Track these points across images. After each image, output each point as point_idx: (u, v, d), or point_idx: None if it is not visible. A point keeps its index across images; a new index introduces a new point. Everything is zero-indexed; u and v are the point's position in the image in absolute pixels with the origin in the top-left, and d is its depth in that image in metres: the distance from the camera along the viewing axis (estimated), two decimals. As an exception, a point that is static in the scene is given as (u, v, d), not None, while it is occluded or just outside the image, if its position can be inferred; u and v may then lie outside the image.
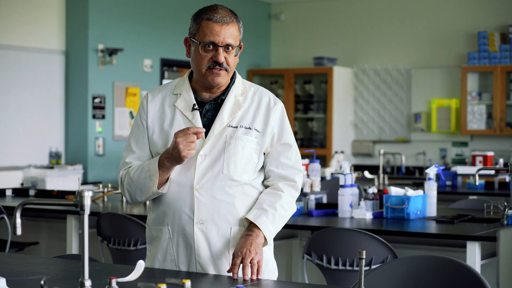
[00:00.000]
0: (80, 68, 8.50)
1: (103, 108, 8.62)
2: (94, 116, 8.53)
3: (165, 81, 9.49)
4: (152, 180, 2.73)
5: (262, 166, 2.86)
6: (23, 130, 8.15)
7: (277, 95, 10.64)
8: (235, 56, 2.78)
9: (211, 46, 2.72)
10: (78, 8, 8.48)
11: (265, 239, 2.76)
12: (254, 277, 2.63)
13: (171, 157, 2.69)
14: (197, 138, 2.68)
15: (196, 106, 2.80)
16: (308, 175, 5.00)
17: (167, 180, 2.76)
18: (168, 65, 9.55)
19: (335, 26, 10.73)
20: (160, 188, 2.75)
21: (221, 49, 2.72)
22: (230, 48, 2.74)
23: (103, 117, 8.64)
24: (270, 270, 2.86)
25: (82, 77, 8.49)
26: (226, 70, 2.75)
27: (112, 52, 8.51)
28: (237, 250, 2.68)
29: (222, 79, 2.76)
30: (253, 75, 10.69)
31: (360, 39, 10.55)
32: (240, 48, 2.81)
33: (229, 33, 2.73)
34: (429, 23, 10.09)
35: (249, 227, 2.74)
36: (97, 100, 8.55)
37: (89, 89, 8.48)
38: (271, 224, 2.76)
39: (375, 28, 10.44)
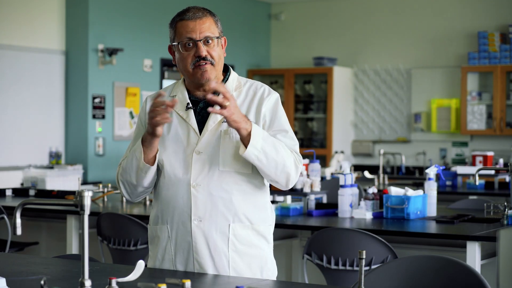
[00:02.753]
0: (80, 68, 8.50)
1: (103, 108, 8.62)
2: (94, 116, 8.53)
3: (165, 82, 9.50)
4: (137, 156, 2.75)
5: None
6: (23, 130, 8.15)
7: (275, 92, 10.64)
8: (218, 47, 2.79)
9: (190, 44, 2.76)
10: (78, 8, 8.48)
11: (249, 138, 2.67)
12: (218, 100, 2.59)
13: (148, 126, 2.71)
14: (166, 106, 2.65)
15: (190, 105, 2.82)
16: (308, 175, 5.00)
17: (155, 158, 2.76)
18: (168, 65, 9.55)
19: (335, 26, 10.74)
20: (146, 162, 2.75)
21: (200, 44, 2.75)
22: (210, 41, 2.77)
23: (103, 117, 8.64)
24: (269, 269, 2.86)
25: (82, 77, 8.49)
26: (211, 63, 2.77)
27: (112, 52, 8.51)
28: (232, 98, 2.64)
29: (210, 73, 2.77)
30: (253, 75, 10.69)
31: (360, 39, 10.55)
32: (224, 41, 2.84)
33: (204, 26, 2.77)
34: (429, 23, 10.09)
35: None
36: (97, 100, 8.55)
37: (89, 89, 8.48)
38: (262, 137, 2.69)
39: (375, 28, 10.44)
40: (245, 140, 2.67)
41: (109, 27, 8.68)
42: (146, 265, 2.52)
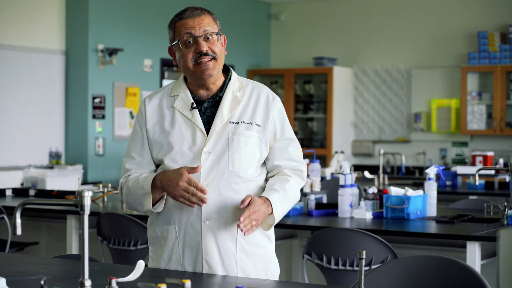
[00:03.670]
0: (80, 68, 8.50)
1: (103, 108, 8.62)
2: (94, 116, 8.53)
3: (165, 81, 9.49)
4: (146, 198, 2.76)
5: (264, 162, 2.87)
6: (23, 130, 8.15)
7: (277, 95, 10.65)
8: (219, 44, 2.80)
9: (191, 41, 2.76)
10: (78, 8, 8.48)
11: (272, 215, 2.77)
12: (247, 230, 2.67)
13: (165, 185, 2.72)
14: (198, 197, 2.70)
15: (195, 105, 2.81)
16: (308, 175, 4.99)
17: (161, 198, 2.78)
18: (168, 65, 9.56)
19: (335, 26, 10.74)
20: (154, 207, 2.78)
21: (200, 39, 2.76)
22: (210, 37, 2.77)
23: (103, 117, 8.64)
24: (273, 268, 2.87)
25: (82, 77, 8.50)
26: (214, 58, 2.77)
27: (112, 52, 8.51)
28: (252, 203, 2.69)
29: (213, 69, 2.77)
30: (253, 75, 10.68)
31: (360, 39, 10.55)
32: (224, 40, 2.84)
33: (203, 22, 2.78)
34: (429, 23, 10.09)
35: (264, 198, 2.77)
36: (97, 100, 8.55)
37: (89, 89, 8.48)
38: (280, 204, 2.79)
39: (375, 28, 10.44)
40: (268, 217, 2.79)
41: (109, 27, 8.68)
42: (146, 265, 2.52)
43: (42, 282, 2.17)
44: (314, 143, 10.54)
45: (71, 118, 8.58)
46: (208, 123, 2.80)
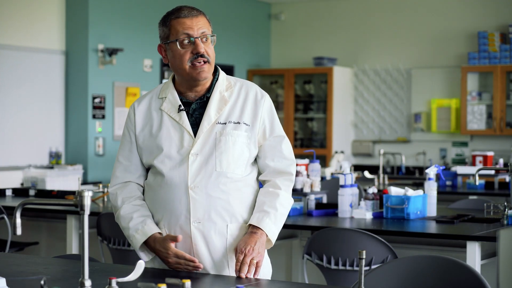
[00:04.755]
0: (80, 68, 8.50)
1: (103, 108, 8.62)
2: (94, 116, 8.53)
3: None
4: (135, 247, 2.86)
5: (255, 160, 2.86)
6: (23, 130, 8.15)
7: (277, 95, 10.67)
8: (212, 46, 2.80)
9: (188, 41, 2.75)
10: (78, 8, 8.48)
11: (269, 240, 2.78)
12: (250, 276, 2.65)
13: (159, 257, 2.79)
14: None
15: (182, 107, 2.80)
16: (308, 175, 4.99)
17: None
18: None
19: (335, 26, 10.73)
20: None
21: (198, 41, 2.75)
22: (206, 39, 2.77)
23: (103, 117, 8.64)
24: (264, 267, 2.86)
25: (82, 77, 8.49)
26: (208, 62, 2.77)
27: (112, 52, 8.51)
28: (241, 246, 2.69)
29: (207, 72, 2.78)
30: (253, 75, 10.68)
31: (360, 39, 10.55)
32: (214, 40, 2.83)
33: (200, 23, 2.77)
34: (429, 23, 10.09)
35: (254, 226, 2.75)
36: (97, 100, 8.55)
37: (89, 89, 8.48)
38: (274, 225, 2.78)
39: (375, 28, 10.44)
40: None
41: (109, 27, 8.68)
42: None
43: (42, 282, 2.17)
44: (314, 143, 10.54)
45: (71, 118, 8.57)
46: (196, 125, 2.79)
